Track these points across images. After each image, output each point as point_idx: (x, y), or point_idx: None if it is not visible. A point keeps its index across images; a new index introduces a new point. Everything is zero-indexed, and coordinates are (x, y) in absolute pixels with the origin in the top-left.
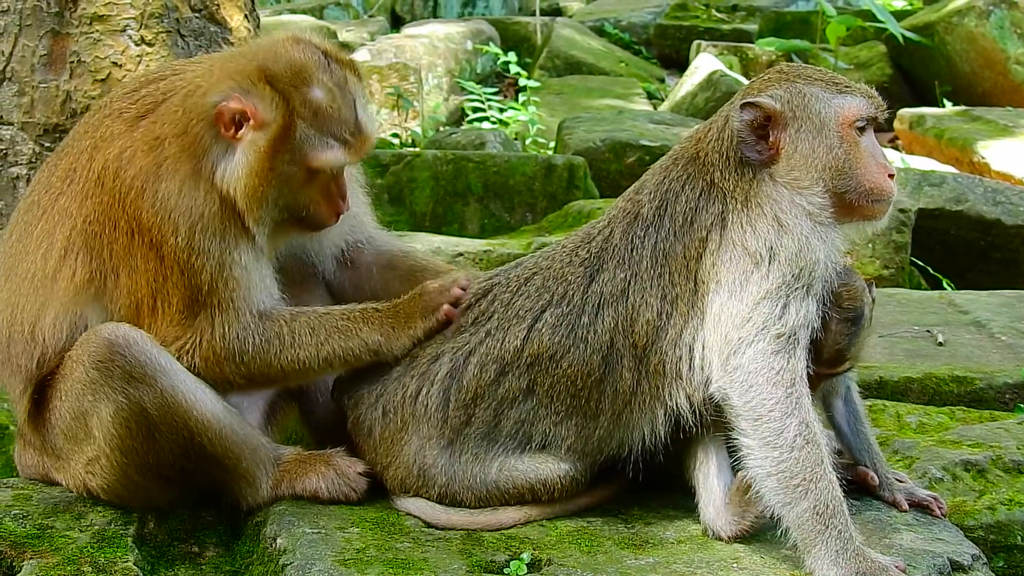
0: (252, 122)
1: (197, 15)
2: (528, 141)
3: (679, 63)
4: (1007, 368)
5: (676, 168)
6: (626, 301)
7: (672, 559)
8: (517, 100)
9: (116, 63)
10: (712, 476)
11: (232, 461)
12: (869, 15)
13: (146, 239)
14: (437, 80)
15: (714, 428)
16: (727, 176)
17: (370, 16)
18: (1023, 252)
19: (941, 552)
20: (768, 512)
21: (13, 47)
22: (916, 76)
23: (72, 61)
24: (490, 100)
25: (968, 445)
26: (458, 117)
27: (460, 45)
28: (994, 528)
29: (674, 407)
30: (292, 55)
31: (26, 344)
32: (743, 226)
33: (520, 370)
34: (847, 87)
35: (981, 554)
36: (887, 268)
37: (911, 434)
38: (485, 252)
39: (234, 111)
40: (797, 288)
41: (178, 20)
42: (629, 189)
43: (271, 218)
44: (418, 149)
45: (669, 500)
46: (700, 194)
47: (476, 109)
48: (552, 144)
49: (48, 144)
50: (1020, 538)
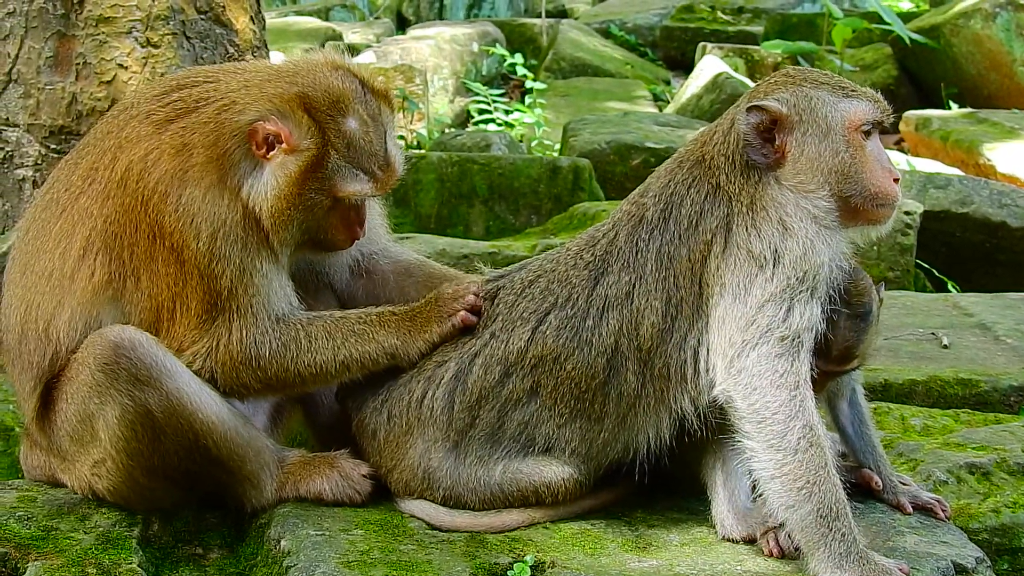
0: (285, 145)
1: (203, 17)
2: (534, 143)
3: (685, 65)
4: (1012, 371)
5: (681, 171)
6: (631, 304)
7: (676, 562)
8: (523, 102)
9: (122, 65)
10: (732, 475)
11: (237, 463)
12: (875, 17)
13: (167, 243)
14: (442, 82)
15: (719, 431)
16: (732, 179)
17: (376, 18)
18: None
19: (945, 555)
20: (772, 514)
21: (19, 49)
22: (922, 78)
23: (78, 63)
24: (496, 102)
25: (973, 448)
26: (463, 119)
27: (466, 47)
28: (998, 531)
29: (679, 411)
30: (331, 82)
31: (39, 342)
32: (748, 229)
33: (524, 371)
34: (853, 91)
35: (985, 557)
36: (892, 270)
37: (916, 437)
38: (490, 254)
39: (268, 132)
40: (801, 291)
41: (184, 22)
42: (634, 192)
43: (293, 240)
44: (423, 151)
45: (673, 503)
46: (705, 197)
47: (482, 111)
48: (557, 146)
49: (54, 146)
50: None
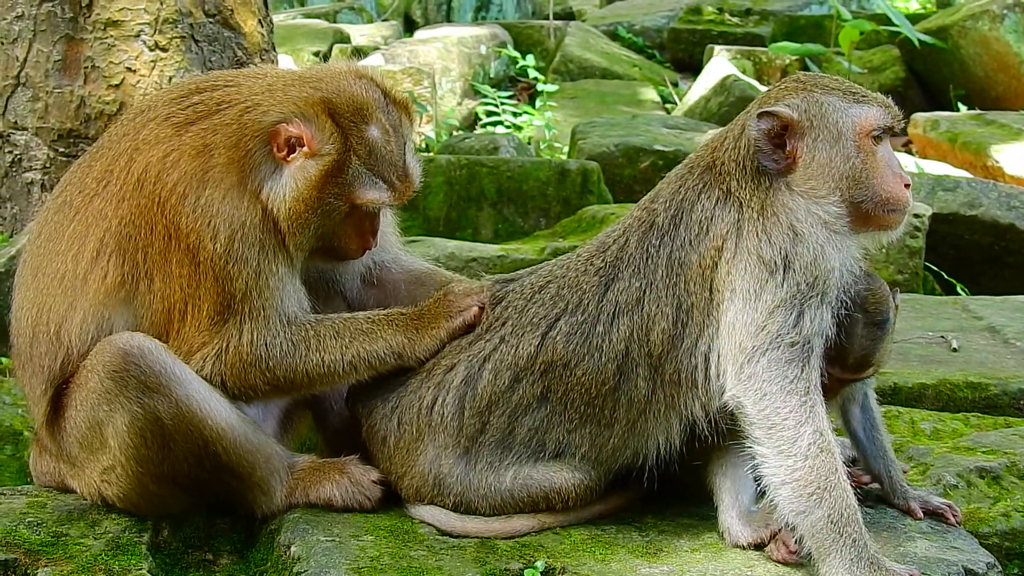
0: (306, 149)
1: (211, 20)
2: (543, 146)
3: (693, 67)
4: (1022, 374)
5: (692, 177)
6: (641, 310)
7: (686, 568)
8: (531, 104)
9: (130, 68)
10: (739, 481)
11: (247, 470)
12: (883, 19)
13: (183, 244)
14: (450, 84)
15: (729, 437)
16: (743, 185)
17: (384, 20)
18: None
19: (956, 560)
20: (783, 520)
21: (27, 53)
22: (930, 80)
23: (86, 66)
24: (504, 104)
25: (983, 452)
26: (471, 122)
27: (474, 49)
28: (1009, 535)
29: (689, 416)
30: (354, 90)
31: (50, 345)
32: (759, 235)
33: (534, 377)
34: (864, 96)
35: (996, 562)
36: (901, 273)
37: (925, 440)
38: (499, 257)
39: (291, 135)
40: (812, 297)
41: (192, 25)
42: (644, 198)
43: (309, 244)
44: (432, 154)
45: (683, 509)
46: (716, 203)
47: (490, 113)
48: (565, 149)
49: (62, 149)
50: None
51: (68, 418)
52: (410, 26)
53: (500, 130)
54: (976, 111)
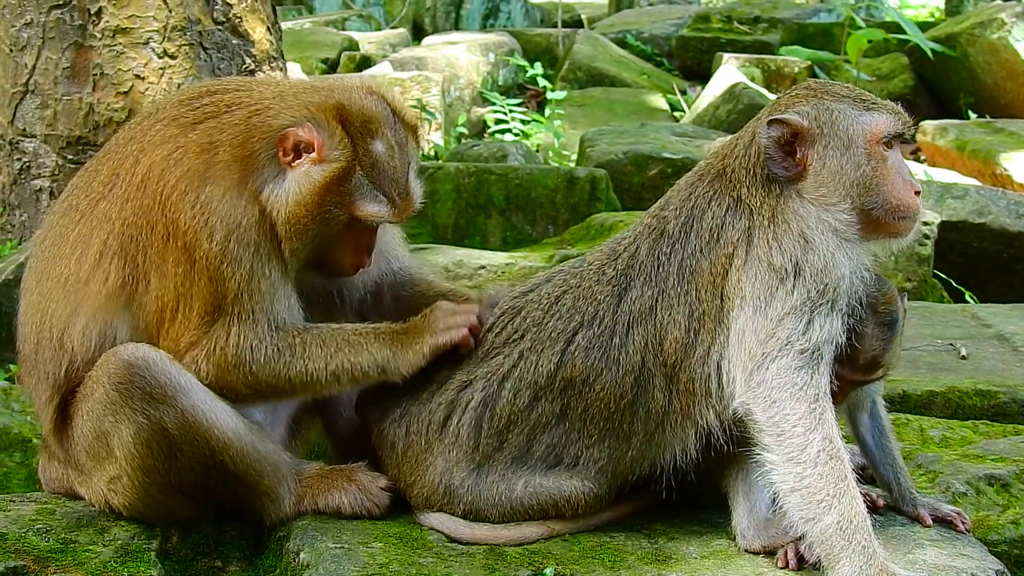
0: (314, 155)
1: (220, 28)
2: (552, 153)
3: (701, 75)
4: None
5: (702, 184)
6: (654, 319)
7: (696, 575)
8: (540, 112)
9: (139, 76)
10: (753, 487)
11: (254, 478)
12: (892, 27)
13: (180, 243)
14: (459, 92)
15: (743, 444)
16: (754, 192)
17: (392, 28)
18: None
19: (965, 568)
20: (791, 527)
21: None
22: (938, 88)
23: (95, 74)
24: (513, 111)
25: (992, 459)
26: (479, 129)
27: (482, 57)
28: (1018, 543)
29: (705, 426)
30: (365, 103)
31: (54, 351)
32: (769, 242)
33: (553, 395)
34: (874, 104)
35: (1005, 569)
36: (910, 281)
37: (934, 448)
38: (507, 265)
39: (300, 139)
40: (822, 304)
41: (201, 33)
42: (654, 205)
43: (304, 252)
44: (440, 162)
45: (692, 515)
46: (726, 210)
47: (499, 121)
48: (574, 156)
49: (71, 157)
50: None
51: (75, 427)
52: (419, 34)
53: (508, 138)
54: (985, 119)
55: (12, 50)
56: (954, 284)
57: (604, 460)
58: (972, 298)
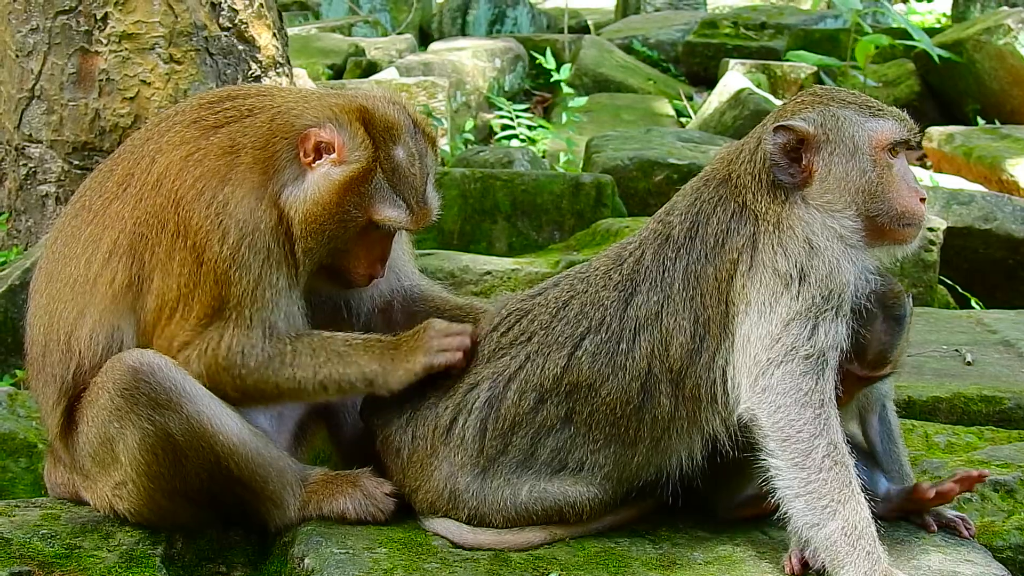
0: (335, 156)
1: (226, 33)
2: (563, 159)
3: (707, 81)
4: None
5: (707, 189)
6: (660, 324)
7: None
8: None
9: (145, 81)
10: None
11: (259, 484)
12: (898, 33)
13: (190, 242)
14: (465, 97)
15: (748, 450)
16: (759, 198)
17: (399, 33)
18: None
19: (970, 574)
20: (796, 532)
21: (42, 65)
22: (945, 94)
23: (101, 79)
24: (520, 117)
25: (997, 465)
26: (486, 135)
27: (488, 62)
28: (1023, 548)
29: (711, 432)
30: (387, 111)
31: (62, 354)
32: (774, 248)
33: (559, 398)
34: (880, 110)
35: (1010, 575)
36: (915, 287)
37: (940, 454)
38: (513, 271)
39: (322, 140)
40: (827, 310)
41: (207, 38)
42: (660, 210)
43: (318, 255)
44: (446, 167)
45: (697, 521)
46: (732, 216)
47: (505, 127)
48: (580, 162)
49: (77, 162)
50: None
51: (80, 432)
52: (425, 39)
53: (515, 143)
54: (991, 125)
55: (18, 55)
56: (960, 290)
57: (609, 466)
58: (978, 304)
